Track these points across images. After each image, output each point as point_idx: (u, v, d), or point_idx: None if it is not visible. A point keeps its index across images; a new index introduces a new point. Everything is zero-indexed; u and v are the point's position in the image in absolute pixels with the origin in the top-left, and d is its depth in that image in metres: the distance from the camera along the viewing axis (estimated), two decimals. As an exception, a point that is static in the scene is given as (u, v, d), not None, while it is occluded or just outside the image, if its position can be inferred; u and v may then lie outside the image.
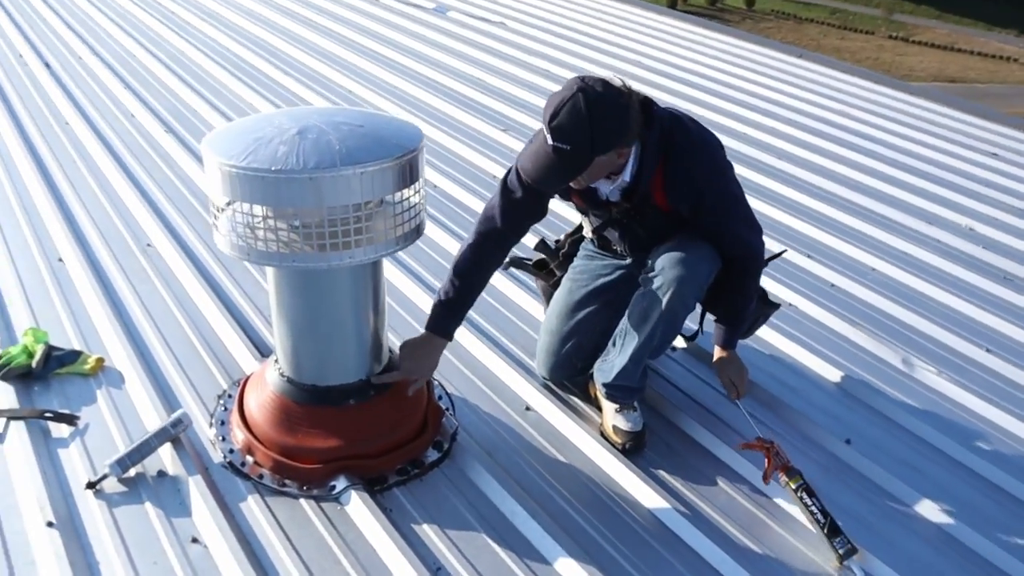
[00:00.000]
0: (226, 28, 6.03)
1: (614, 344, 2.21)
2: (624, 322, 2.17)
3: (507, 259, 2.30)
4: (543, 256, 2.54)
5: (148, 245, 3.01)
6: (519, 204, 2.09)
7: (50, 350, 2.32)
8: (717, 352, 2.37)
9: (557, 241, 2.55)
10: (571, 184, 2.03)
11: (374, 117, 1.91)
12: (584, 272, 2.39)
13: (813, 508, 1.95)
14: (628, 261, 2.32)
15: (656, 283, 2.07)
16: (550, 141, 1.87)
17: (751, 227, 2.22)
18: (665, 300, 2.05)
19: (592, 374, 2.29)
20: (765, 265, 2.35)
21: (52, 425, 2.11)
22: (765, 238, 2.27)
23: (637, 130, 1.97)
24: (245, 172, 1.67)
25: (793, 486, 1.99)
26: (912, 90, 6.17)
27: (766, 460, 2.03)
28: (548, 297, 2.51)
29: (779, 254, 2.60)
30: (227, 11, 6.51)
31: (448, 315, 2.15)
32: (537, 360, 2.43)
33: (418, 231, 1.91)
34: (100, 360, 2.34)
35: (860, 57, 47.49)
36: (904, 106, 5.70)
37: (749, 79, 5.93)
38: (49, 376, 2.28)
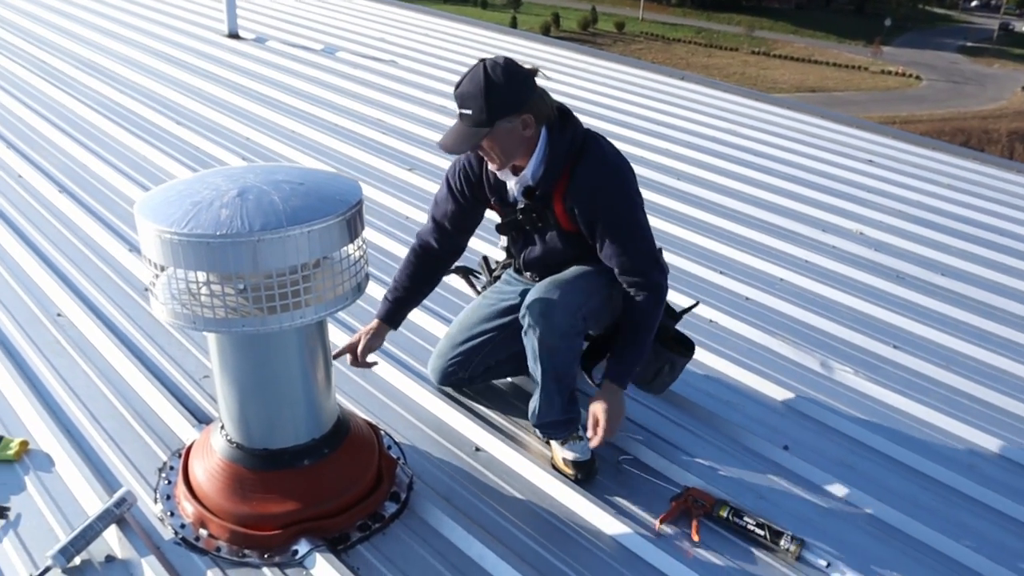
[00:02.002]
0: (108, 78, 5.80)
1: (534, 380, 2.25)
2: (528, 363, 2.24)
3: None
4: (466, 267, 2.72)
5: (58, 315, 2.86)
6: (451, 203, 2.30)
7: (-34, 438, 2.17)
8: (604, 384, 2.23)
9: (496, 262, 2.65)
10: (491, 166, 2.14)
11: (312, 174, 1.89)
12: (494, 292, 2.52)
13: (748, 525, 2.07)
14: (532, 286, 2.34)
15: (527, 322, 2.15)
16: (457, 110, 2.03)
17: (652, 260, 2.20)
18: (537, 336, 2.13)
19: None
20: (678, 318, 2.43)
21: (-20, 520, 1.97)
22: (684, 259, 2.36)
23: (545, 111, 2.08)
24: (188, 239, 1.62)
25: (724, 515, 2.09)
26: (790, 104, 6.55)
27: (690, 517, 2.10)
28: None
29: (692, 306, 2.57)
30: (106, 60, 6.27)
31: (396, 309, 2.38)
32: (430, 363, 2.54)
33: (360, 288, 1.89)
34: (24, 443, 2.20)
35: (728, 73, 49.94)
36: (785, 120, 6.04)
37: (637, 103, 6.16)
38: (-32, 466, 2.13)
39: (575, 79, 6.74)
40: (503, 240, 2.48)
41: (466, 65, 6.83)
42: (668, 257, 3.52)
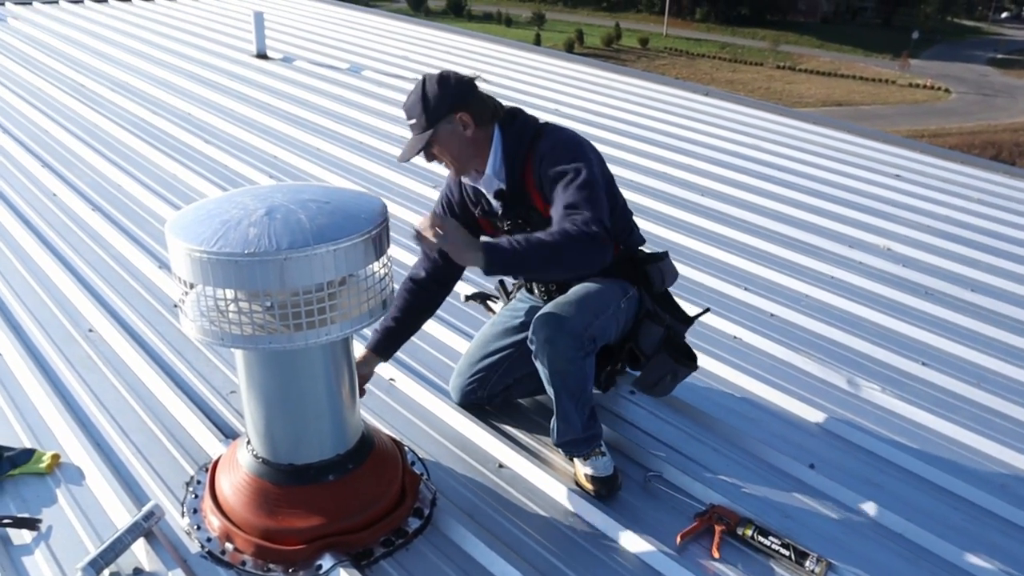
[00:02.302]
0: (140, 99, 5.92)
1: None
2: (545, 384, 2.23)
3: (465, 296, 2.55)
4: (483, 293, 2.81)
5: (90, 330, 2.91)
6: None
7: (0, 451, 2.21)
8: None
9: (513, 284, 2.69)
10: (454, 178, 2.26)
11: (338, 192, 1.92)
12: (508, 310, 2.57)
13: (773, 545, 2.05)
14: (543, 304, 2.35)
15: (534, 348, 2.15)
16: (407, 122, 2.18)
17: (595, 211, 2.03)
18: (545, 362, 2.14)
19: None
20: (688, 324, 2.40)
21: (12, 532, 2.00)
22: (708, 275, 2.34)
23: (487, 110, 2.17)
24: (217, 257, 1.66)
25: (749, 534, 2.07)
26: (816, 120, 6.52)
27: (713, 534, 2.09)
28: None
29: (702, 313, 2.56)
30: (139, 81, 6.40)
31: (386, 339, 2.41)
32: (450, 380, 2.57)
33: (386, 305, 1.92)
34: (56, 457, 2.24)
35: (752, 88, 49.76)
36: (810, 135, 6.02)
37: (660, 119, 6.16)
38: (2, 479, 2.17)
39: (598, 95, 6.76)
40: None
41: (489, 83, 6.91)
42: (692, 273, 3.57)
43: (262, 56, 7.40)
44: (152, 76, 6.62)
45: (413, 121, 2.16)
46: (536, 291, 2.50)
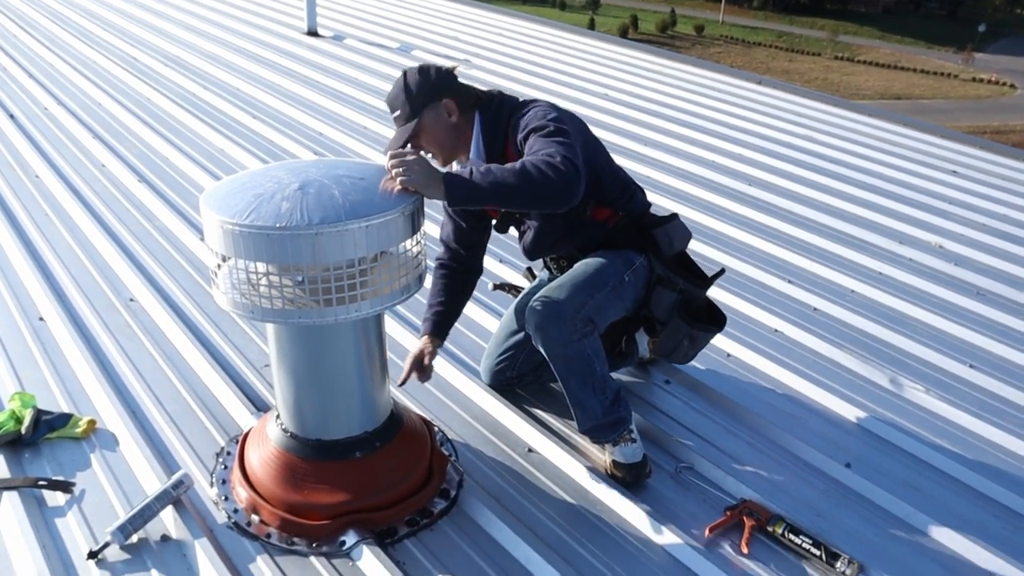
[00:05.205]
0: (191, 73, 6.00)
1: None
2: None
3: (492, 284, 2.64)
4: (509, 283, 2.81)
5: (131, 300, 2.96)
6: (449, 224, 2.38)
7: (39, 414, 2.26)
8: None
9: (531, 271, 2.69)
10: (436, 163, 2.16)
11: (373, 168, 1.91)
12: (531, 289, 2.55)
13: (804, 544, 2.00)
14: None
15: (533, 336, 2.13)
16: (391, 115, 2.18)
17: (563, 149, 1.93)
18: (543, 350, 2.13)
19: None
20: (707, 285, 2.31)
21: (47, 493, 2.05)
22: (751, 266, 2.26)
23: (469, 97, 2.17)
24: (248, 230, 1.66)
25: (780, 531, 2.02)
26: (871, 112, 6.34)
27: (742, 529, 2.04)
28: None
29: (719, 273, 2.44)
30: (190, 56, 6.48)
31: (440, 321, 2.41)
32: (481, 362, 2.58)
33: (420, 281, 1.91)
34: (92, 422, 2.28)
35: (809, 78, 48.75)
36: (865, 128, 5.85)
37: (711, 107, 6.05)
38: (39, 442, 2.22)
39: (649, 81, 6.66)
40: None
41: (541, 66, 6.88)
42: (735, 263, 3.50)
43: (313, 33, 7.43)
44: (203, 51, 6.70)
45: (397, 113, 2.16)
46: (552, 270, 2.47)
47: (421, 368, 2.34)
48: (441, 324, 2.41)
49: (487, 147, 2.18)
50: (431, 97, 2.13)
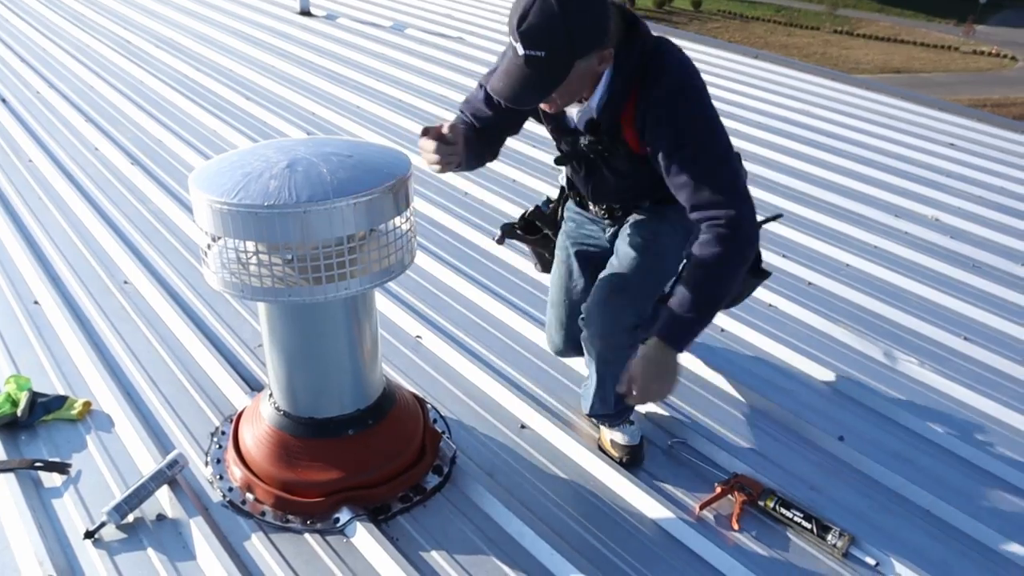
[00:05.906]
0: (184, 55, 5.96)
1: (588, 370, 2.20)
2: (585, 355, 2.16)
3: (499, 230, 2.32)
4: (530, 220, 2.34)
5: (125, 282, 2.96)
6: (487, 108, 1.98)
7: (34, 397, 2.27)
8: (653, 340, 1.81)
9: (549, 203, 2.35)
10: (545, 107, 1.80)
11: (361, 146, 1.90)
12: (577, 242, 2.22)
13: (795, 517, 2.01)
14: (607, 234, 2.17)
15: (585, 334, 2.07)
16: (521, 51, 1.62)
17: (732, 190, 1.80)
18: (594, 352, 2.08)
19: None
20: (755, 241, 1.89)
21: (43, 475, 2.06)
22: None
23: (618, 34, 1.73)
24: (237, 208, 1.65)
25: (771, 505, 2.03)
26: (869, 85, 6.30)
27: (733, 504, 2.05)
28: (538, 256, 2.47)
29: (774, 217, 2.28)
30: (183, 37, 6.44)
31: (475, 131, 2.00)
32: (547, 336, 2.33)
33: (410, 258, 1.90)
34: (87, 404, 2.29)
35: (807, 52, 48.45)
36: (862, 101, 5.82)
37: (710, 83, 5.95)
38: (35, 424, 2.22)
39: (644, 57, 6.61)
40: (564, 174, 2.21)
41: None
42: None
43: (305, 13, 7.38)
44: (196, 32, 6.65)
45: (540, 54, 1.60)
46: (593, 208, 2.15)
47: (440, 136, 1.86)
48: (477, 132, 2.01)
49: (609, 95, 1.80)
50: (596, 43, 1.66)
